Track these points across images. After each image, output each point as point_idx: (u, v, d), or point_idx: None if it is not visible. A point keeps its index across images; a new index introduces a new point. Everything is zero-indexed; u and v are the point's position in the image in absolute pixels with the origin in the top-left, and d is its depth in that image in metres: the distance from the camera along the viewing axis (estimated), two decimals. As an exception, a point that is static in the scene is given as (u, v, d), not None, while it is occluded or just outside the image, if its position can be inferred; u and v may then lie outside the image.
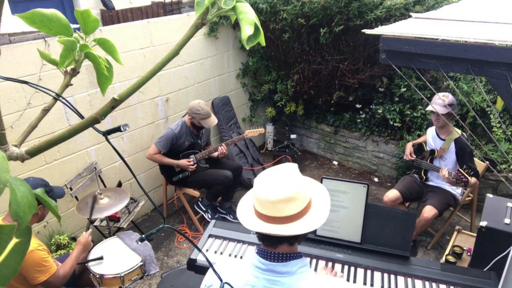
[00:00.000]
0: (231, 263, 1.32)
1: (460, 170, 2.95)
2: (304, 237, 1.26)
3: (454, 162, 3.21)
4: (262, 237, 1.20)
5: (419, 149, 3.51)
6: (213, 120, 3.52)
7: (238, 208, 1.27)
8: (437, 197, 3.21)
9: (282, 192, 1.12)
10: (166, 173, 3.70)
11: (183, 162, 3.57)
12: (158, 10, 5.17)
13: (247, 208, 1.24)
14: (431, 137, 3.35)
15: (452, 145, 3.18)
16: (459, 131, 3.19)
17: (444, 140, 3.23)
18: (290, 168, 1.19)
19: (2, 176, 0.44)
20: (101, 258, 2.54)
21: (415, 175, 3.49)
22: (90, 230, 2.57)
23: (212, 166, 3.81)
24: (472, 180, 3.01)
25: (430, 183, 3.39)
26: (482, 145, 3.87)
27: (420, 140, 3.58)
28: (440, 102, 3.03)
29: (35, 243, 2.10)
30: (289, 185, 1.13)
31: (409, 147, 3.51)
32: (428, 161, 3.33)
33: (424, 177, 3.40)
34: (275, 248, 1.19)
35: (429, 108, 3.15)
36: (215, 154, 3.74)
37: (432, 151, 3.31)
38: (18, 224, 0.46)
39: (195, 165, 3.61)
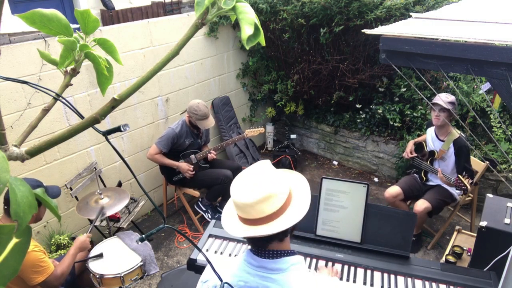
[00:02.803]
0: (226, 260, 1.33)
1: (460, 176, 2.95)
2: (293, 228, 1.25)
3: (453, 163, 3.21)
4: (251, 240, 1.20)
5: (419, 148, 3.52)
6: (209, 122, 3.51)
7: (223, 217, 1.25)
8: (433, 193, 3.23)
9: (258, 193, 1.10)
10: (166, 172, 3.70)
11: (183, 166, 3.56)
12: (158, 10, 5.17)
13: (230, 215, 1.23)
14: (430, 138, 3.35)
15: (451, 146, 3.18)
16: (457, 133, 3.19)
17: (443, 141, 3.23)
18: (262, 166, 1.18)
19: (2, 176, 0.44)
20: (100, 255, 2.54)
21: (415, 175, 3.50)
22: (90, 234, 2.57)
23: (212, 165, 3.81)
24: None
25: (430, 183, 3.39)
26: (482, 145, 3.87)
27: (420, 138, 3.58)
28: (444, 98, 3.06)
29: (31, 245, 2.10)
30: (264, 184, 1.12)
31: (410, 145, 3.51)
32: (428, 162, 3.33)
33: (424, 178, 3.40)
34: (266, 247, 1.20)
35: (435, 100, 3.13)
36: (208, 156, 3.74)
37: (432, 152, 3.31)
38: (18, 224, 0.46)
39: (194, 173, 3.60)
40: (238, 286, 1.19)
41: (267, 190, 1.11)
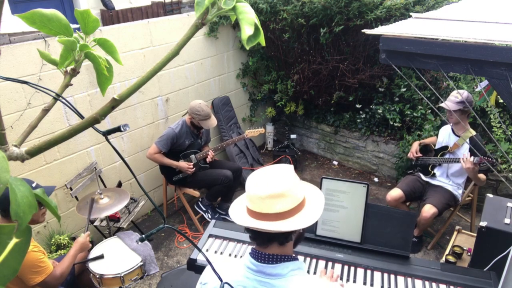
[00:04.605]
0: (226, 263, 1.33)
1: (482, 157, 2.97)
2: (299, 238, 1.25)
3: None
4: (254, 235, 1.20)
5: (425, 149, 3.51)
6: (213, 122, 3.52)
7: (231, 207, 1.28)
8: (438, 196, 3.22)
9: (272, 188, 1.12)
10: (166, 172, 3.70)
11: (183, 164, 3.57)
12: (158, 10, 5.17)
13: (239, 206, 1.26)
14: (445, 134, 3.35)
15: (466, 144, 3.18)
16: (474, 132, 3.20)
17: (459, 136, 3.24)
18: (284, 168, 1.20)
19: (2, 176, 0.44)
20: (101, 256, 2.54)
21: (418, 173, 3.49)
22: (88, 232, 2.57)
23: (212, 166, 3.81)
24: (482, 176, 3.07)
25: (433, 182, 3.39)
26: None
27: (427, 140, 3.58)
28: (453, 99, 3.06)
29: (30, 245, 2.09)
30: (280, 182, 1.14)
31: (415, 146, 3.51)
32: (439, 156, 3.33)
33: (432, 172, 3.39)
34: (266, 248, 1.19)
35: (441, 104, 3.17)
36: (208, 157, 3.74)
37: (445, 147, 3.30)
38: (18, 224, 0.46)
39: (194, 169, 3.60)
40: None
41: (281, 188, 1.12)
